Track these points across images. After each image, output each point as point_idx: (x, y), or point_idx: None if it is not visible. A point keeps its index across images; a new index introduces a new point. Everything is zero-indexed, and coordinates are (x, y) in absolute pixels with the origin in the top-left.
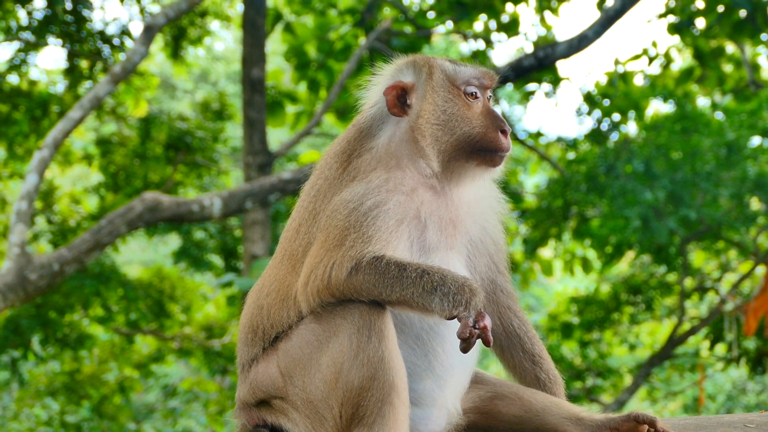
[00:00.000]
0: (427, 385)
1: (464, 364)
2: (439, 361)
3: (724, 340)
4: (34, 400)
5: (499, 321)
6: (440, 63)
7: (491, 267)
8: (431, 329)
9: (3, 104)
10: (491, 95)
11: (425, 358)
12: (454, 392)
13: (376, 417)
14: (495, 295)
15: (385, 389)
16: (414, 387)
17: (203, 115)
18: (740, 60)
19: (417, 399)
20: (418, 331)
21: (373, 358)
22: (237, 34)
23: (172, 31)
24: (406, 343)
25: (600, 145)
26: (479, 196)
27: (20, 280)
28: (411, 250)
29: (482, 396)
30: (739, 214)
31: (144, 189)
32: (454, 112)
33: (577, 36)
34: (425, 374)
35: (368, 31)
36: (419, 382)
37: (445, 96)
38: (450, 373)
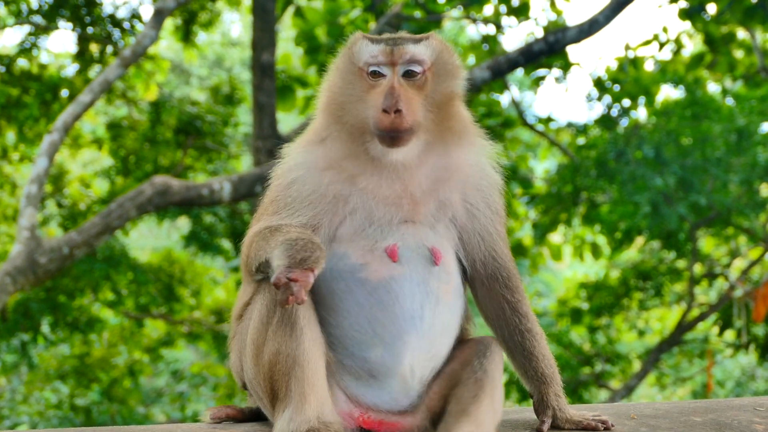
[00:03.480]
0: (377, 354)
1: (420, 331)
2: (385, 328)
3: (733, 326)
4: (44, 383)
5: (497, 313)
6: (352, 42)
7: (482, 248)
8: (370, 295)
9: (13, 88)
10: (408, 73)
11: (369, 326)
12: (414, 363)
13: (287, 392)
14: (490, 283)
15: (288, 363)
16: (364, 356)
17: (213, 99)
18: (751, 46)
19: (370, 370)
20: (358, 297)
21: (277, 332)
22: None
23: (183, 15)
24: (346, 310)
25: (610, 130)
26: (454, 169)
27: (30, 264)
28: (345, 225)
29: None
30: (748, 200)
31: (154, 173)
32: (351, 93)
33: (587, 21)
34: (373, 342)
35: (378, 15)
36: (368, 350)
37: (347, 77)
38: (403, 340)
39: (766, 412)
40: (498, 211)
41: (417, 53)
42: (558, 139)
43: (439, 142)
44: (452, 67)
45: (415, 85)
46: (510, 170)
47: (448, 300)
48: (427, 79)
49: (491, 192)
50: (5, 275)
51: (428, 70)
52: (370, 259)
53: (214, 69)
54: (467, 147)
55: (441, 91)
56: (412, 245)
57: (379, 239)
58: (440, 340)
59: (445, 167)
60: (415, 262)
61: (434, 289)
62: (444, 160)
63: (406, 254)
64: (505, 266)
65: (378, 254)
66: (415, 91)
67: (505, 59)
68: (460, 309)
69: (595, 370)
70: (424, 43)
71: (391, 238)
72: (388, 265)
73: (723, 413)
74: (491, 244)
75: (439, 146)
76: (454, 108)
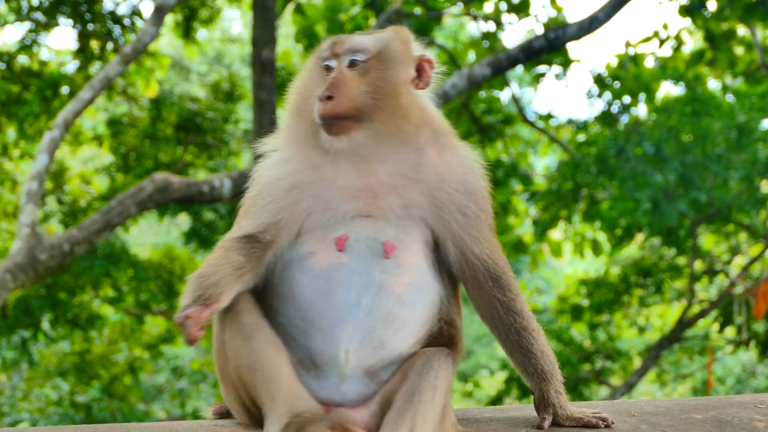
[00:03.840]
0: (317, 342)
1: (357, 320)
2: (323, 315)
3: (733, 323)
4: (44, 380)
5: (491, 312)
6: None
7: (459, 251)
8: (313, 282)
9: (14, 84)
10: (352, 63)
11: (310, 313)
12: (351, 351)
13: (261, 400)
14: (478, 283)
15: (251, 373)
16: (307, 345)
17: (214, 96)
18: (751, 43)
19: (312, 358)
20: (302, 285)
21: (231, 350)
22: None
23: (183, 11)
24: (292, 298)
25: (610, 127)
26: (425, 170)
27: (31, 261)
28: (311, 217)
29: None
30: (749, 196)
31: (154, 170)
32: (308, 86)
33: (588, 18)
34: (313, 330)
35: (378, 12)
36: (310, 338)
37: (310, 74)
38: (340, 328)
39: (767, 410)
40: (477, 216)
41: (358, 43)
42: (558, 136)
43: (397, 135)
44: (401, 56)
45: (358, 74)
46: (510, 167)
47: (397, 292)
48: (371, 67)
49: (466, 197)
50: (6, 272)
51: (373, 58)
52: (318, 248)
53: (214, 65)
54: (443, 149)
55: (387, 78)
56: (363, 237)
57: (333, 230)
58: (384, 332)
59: (414, 166)
60: (362, 253)
61: (378, 279)
62: (414, 159)
63: (355, 245)
64: (492, 266)
65: (327, 243)
66: (359, 80)
67: (505, 56)
68: (424, 306)
69: (596, 367)
70: (370, 35)
71: (343, 229)
72: (332, 254)
73: (724, 410)
74: (469, 248)
75: (399, 141)
76: (407, 99)
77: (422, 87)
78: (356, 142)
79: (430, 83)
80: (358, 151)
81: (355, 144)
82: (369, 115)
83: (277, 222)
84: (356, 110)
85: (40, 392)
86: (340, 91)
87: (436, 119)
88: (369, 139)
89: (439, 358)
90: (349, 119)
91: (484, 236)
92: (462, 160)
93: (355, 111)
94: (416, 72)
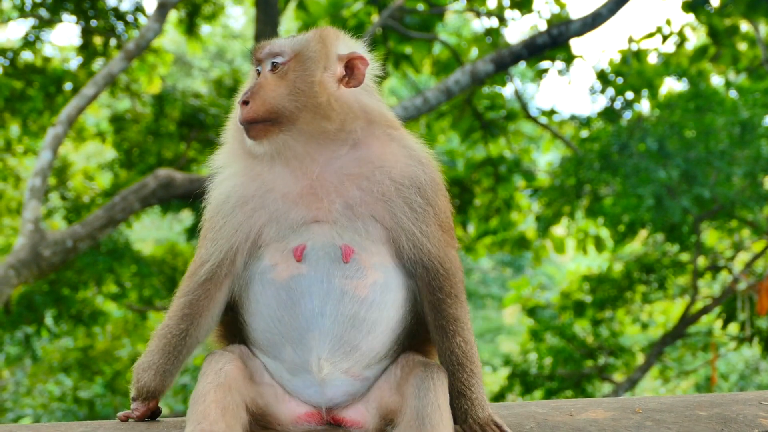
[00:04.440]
0: (288, 353)
1: (323, 327)
2: (290, 326)
3: (737, 319)
4: (48, 375)
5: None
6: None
7: (408, 245)
8: (277, 295)
9: (17, 81)
10: (274, 65)
11: (277, 326)
12: (323, 357)
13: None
14: (423, 280)
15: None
16: (279, 356)
17: (217, 92)
18: (755, 38)
19: (288, 368)
20: (267, 298)
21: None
22: (251, 11)
23: (186, 7)
24: (259, 312)
25: (613, 123)
26: (364, 164)
27: (34, 257)
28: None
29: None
30: (752, 192)
31: (157, 166)
32: (241, 93)
33: (591, 14)
34: (282, 342)
35: (381, 8)
36: (281, 350)
37: (248, 79)
38: (307, 337)
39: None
40: (425, 210)
41: (277, 46)
42: (561, 132)
43: (323, 134)
44: (320, 56)
45: (278, 77)
46: (513, 163)
47: (361, 295)
48: (289, 69)
49: (413, 190)
50: (9, 268)
51: (291, 60)
52: (278, 260)
53: (216, 61)
54: (386, 141)
55: (305, 79)
56: (320, 244)
57: (291, 240)
58: (354, 335)
59: (350, 162)
60: (320, 260)
61: (339, 285)
62: (348, 154)
63: (312, 254)
64: (437, 267)
65: (286, 254)
66: (278, 82)
67: (508, 52)
68: (394, 304)
69: (599, 363)
70: (291, 38)
71: (300, 238)
72: (292, 266)
73: (728, 407)
74: (416, 243)
75: (327, 139)
76: (328, 97)
77: (354, 84)
78: (279, 145)
79: (363, 80)
80: (287, 154)
81: (278, 147)
82: (288, 117)
83: (231, 247)
84: (273, 113)
85: (43, 388)
86: (257, 95)
87: (375, 113)
88: (293, 141)
89: (433, 377)
90: (266, 122)
91: (433, 232)
92: (407, 151)
93: (272, 114)
94: (347, 70)
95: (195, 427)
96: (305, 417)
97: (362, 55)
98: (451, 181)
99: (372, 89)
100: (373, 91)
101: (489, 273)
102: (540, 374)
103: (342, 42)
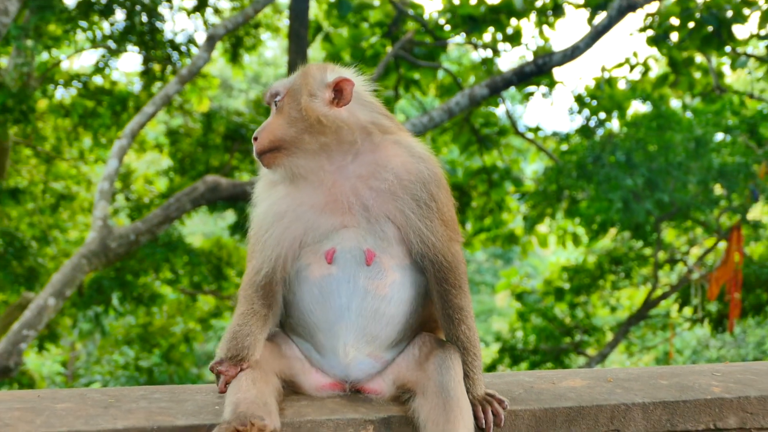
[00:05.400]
0: (319, 338)
1: (349, 321)
2: (321, 317)
3: (690, 303)
4: (114, 348)
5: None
6: None
7: (417, 241)
8: (310, 291)
9: (89, 101)
10: (275, 104)
11: (310, 316)
12: (348, 344)
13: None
14: (430, 273)
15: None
16: (313, 339)
17: (256, 110)
18: (707, 68)
19: (319, 350)
20: (303, 292)
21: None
22: (284, 43)
23: (231, 39)
24: (297, 302)
25: (588, 138)
26: (373, 170)
27: (103, 248)
28: (303, 240)
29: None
30: (704, 198)
31: (206, 172)
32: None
33: (570, 47)
34: (315, 329)
35: (394, 41)
36: (314, 335)
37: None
38: (336, 327)
39: (722, 377)
40: (428, 206)
41: (274, 88)
42: (545, 146)
43: (324, 148)
44: (307, 87)
45: (278, 111)
46: (504, 171)
47: (382, 293)
48: (285, 104)
49: (418, 185)
50: (82, 257)
51: (286, 96)
52: (313, 261)
53: (252, 84)
54: (389, 144)
55: (297, 108)
56: (348, 248)
57: (323, 244)
58: (375, 327)
59: (358, 167)
60: (347, 263)
61: (363, 285)
62: (354, 160)
63: (341, 257)
64: (439, 259)
65: (319, 257)
66: (280, 116)
67: (500, 78)
68: (409, 300)
69: (575, 340)
70: (285, 79)
71: (330, 243)
72: (323, 267)
73: (686, 377)
74: (423, 239)
75: (331, 152)
76: (318, 117)
77: (344, 104)
78: (288, 167)
79: (350, 98)
80: (300, 172)
81: (288, 168)
82: (291, 143)
83: (279, 255)
84: (276, 142)
85: (110, 358)
86: (263, 131)
87: (371, 123)
88: (302, 159)
89: (452, 357)
90: (273, 151)
91: (437, 227)
92: (408, 150)
93: (275, 143)
94: (336, 92)
95: (231, 398)
96: (329, 386)
97: (347, 77)
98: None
99: (370, 104)
100: (372, 105)
101: (483, 264)
102: (525, 349)
103: (329, 71)
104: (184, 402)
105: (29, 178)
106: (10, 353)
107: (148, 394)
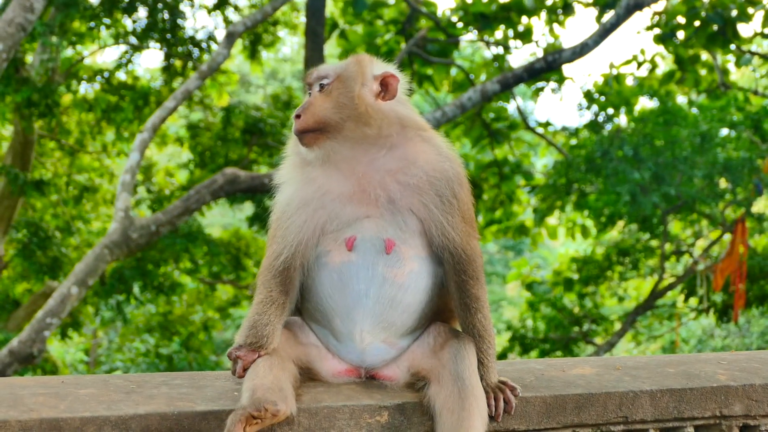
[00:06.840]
0: (337, 323)
1: (366, 307)
2: (339, 303)
3: (696, 294)
4: (135, 335)
5: (454, 293)
6: None
7: (438, 235)
8: (330, 277)
9: (112, 96)
10: (321, 86)
11: (329, 301)
12: (364, 330)
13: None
14: (448, 265)
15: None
16: (330, 325)
17: (274, 105)
18: (713, 65)
19: (336, 335)
20: (322, 278)
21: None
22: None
23: (250, 36)
24: (316, 288)
25: (597, 133)
26: (402, 164)
27: (124, 238)
28: (324, 228)
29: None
30: (709, 191)
31: (225, 165)
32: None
33: (579, 44)
34: (333, 314)
35: (408, 38)
36: (331, 321)
37: (303, 97)
38: (354, 313)
39: (728, 365)
40: (450, 203)
41: (323, 70)
42: (554, 140)
43: (364, 139)
44: (358, 76)
45: (325, 95)
46: (515, 165)
47: (400, 281)
48: (333, 88)
49: (442, 182)
50: (104, 248)
51: (335, 81)
52: (333, 248)
53: (270, 80)
54: (418, 141)
55: (346, 95)
56: (368, 237)
57: (344, 231)
58: (391, 314)
59: (389, 160)
60: (367, 251)
61: (382, 272)
62: (387, 154)
63: (361, 245)
64: (461, 253)
65: (339, 244)
66: (325, 99)
67: (511, 75)
68: (425, 290)
69: (583, 330)
70: (334, 64)
71: (351, 231)
72: (343, 254)
73: (692, 365)
74: (444, 232)
75: (368, 144)
76: (366, 108)
77: (389, 98)
78: (327, 150)
79: (396, 94)
80: (335, 158)
81: (327, 151)
82: (334, 127)
83: (300, 241)
84: (321, 123)
85: (131, 345)
86: (308, 110)
87: (407, 120)
88: (340, 146)
89: (467, 347)
90: (316, 131)
91: (457, 223)
92: (437, 149)
93: (320, 124)
94: (382, 86)
95: (248, 384)
96: (345, 372)
97: (394, 73)
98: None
99: (405, 101)
100: (406, 102)
101: (494, 255)
102: (535, 338)
103: (376, 64)
104: (203, 388)
105: (53, 171)
106: (33, 340)
107: (168, 380)
